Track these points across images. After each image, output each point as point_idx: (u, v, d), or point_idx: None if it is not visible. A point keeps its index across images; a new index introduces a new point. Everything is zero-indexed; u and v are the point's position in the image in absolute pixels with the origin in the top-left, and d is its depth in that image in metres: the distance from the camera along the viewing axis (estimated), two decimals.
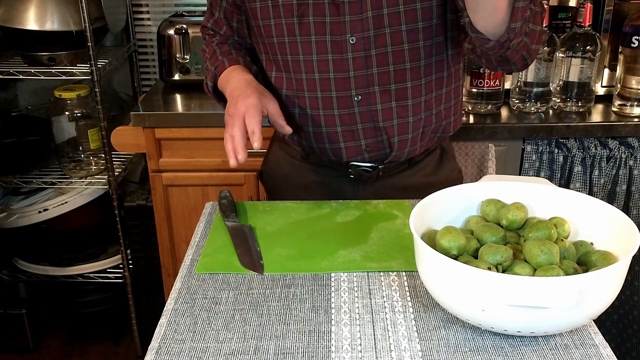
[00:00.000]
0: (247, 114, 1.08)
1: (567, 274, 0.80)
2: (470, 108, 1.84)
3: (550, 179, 1.81)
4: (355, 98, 1.19)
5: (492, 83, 1.80)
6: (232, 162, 1.06)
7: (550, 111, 1.86)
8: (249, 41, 1.30)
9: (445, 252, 0.83)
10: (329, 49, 1.16)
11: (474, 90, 1.82)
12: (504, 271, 0.82)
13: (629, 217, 1.22)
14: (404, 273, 0.98)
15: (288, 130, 1.15)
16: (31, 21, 1.87)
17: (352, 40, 1.14)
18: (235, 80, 1.18)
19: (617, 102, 1.84)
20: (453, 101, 1.27)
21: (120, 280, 2.15)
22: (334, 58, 1.16)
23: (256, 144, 1.05)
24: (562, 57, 1.82)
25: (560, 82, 1.84)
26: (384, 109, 1.20)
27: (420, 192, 0.95)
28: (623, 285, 0.80)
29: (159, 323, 0.87)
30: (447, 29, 1.17)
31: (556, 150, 1.79)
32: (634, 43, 1.75)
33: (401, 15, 1.12)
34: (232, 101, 1.13)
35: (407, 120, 1.22)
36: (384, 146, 1.25)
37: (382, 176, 1.29)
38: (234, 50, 1.29)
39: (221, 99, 1.27)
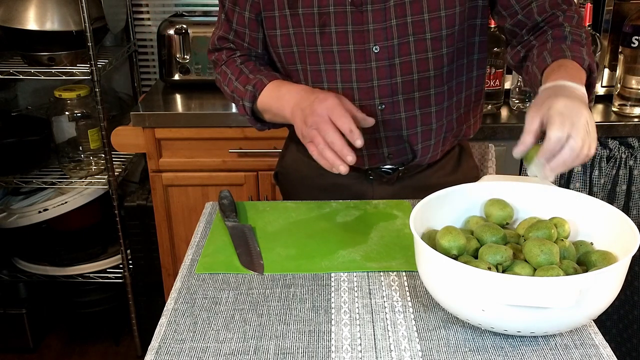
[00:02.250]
0: (333, 116, 0.99)
1: (567, 274, 0.80)
2: None
3: None
4: (379, 107, 1.17)
5: (492, 83, 1.80)
6: (344, 169, 0.98)
7: None
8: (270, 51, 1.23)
9: (445, 252, 0.83)
10: (352, 58, 1.13)
11: None
12: (504, 271, 0.82)
13: (629, 217, 1.21)
14: (404, 273, 0.98)
15: (370, 121, 1.07)
16: (31, 21, 1.88)
17: (376, 49, 1.12)
18: (291, 95, 1.09)
19: (617, 102, 1.84)
20: (473, 104, 1.26)
21: (120, 280, 2.15)
22: (357, 68, 1.14)
23: (359, 142, 0.98)
24: None
25: None
26: (407, 117, 1.18)
27: None
28: (623, 285, 0.80)
29: (159, 323, 0.87)
30: (476, 34, 1.16)
31: None
32: (634, 43, 1.75)
33: (425, 23, 1.10)
34: (304, 112, 1.04)
35: (431, 127, 1.20)
36: (406, 152, 1.23)
37: (402, 177, 1.27)
38: (262, 67, 1.21)
39: (258, 120, 1.21)
